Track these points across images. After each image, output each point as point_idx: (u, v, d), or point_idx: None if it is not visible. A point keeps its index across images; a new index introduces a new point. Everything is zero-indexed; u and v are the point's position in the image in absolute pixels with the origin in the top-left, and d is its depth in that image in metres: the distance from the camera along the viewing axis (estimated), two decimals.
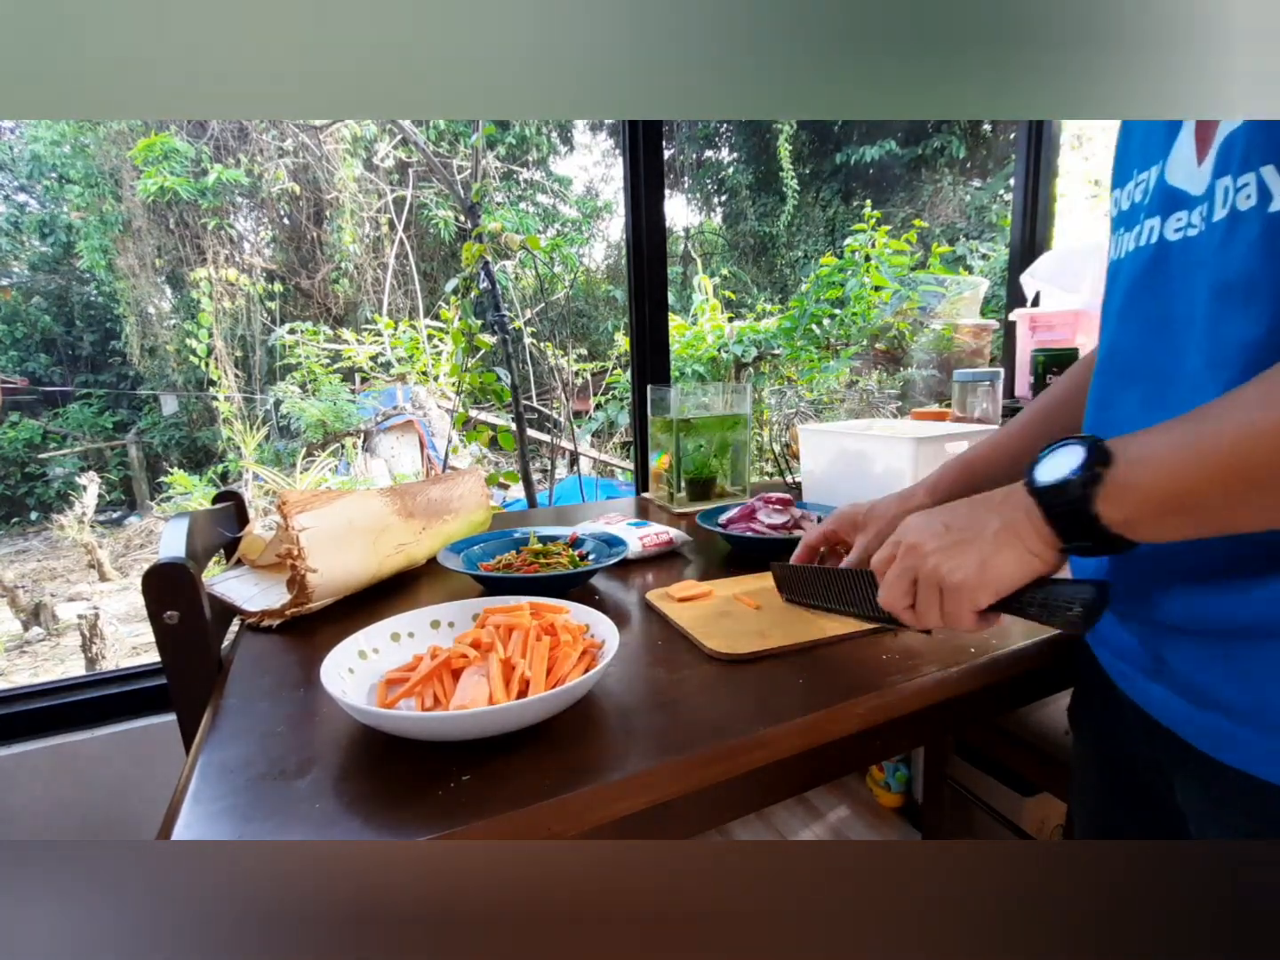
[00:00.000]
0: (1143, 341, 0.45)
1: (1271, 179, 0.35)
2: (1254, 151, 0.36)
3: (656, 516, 1.13)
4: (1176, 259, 0.42)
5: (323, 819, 0.40)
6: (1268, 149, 0.36)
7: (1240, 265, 0.37)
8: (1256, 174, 0.36)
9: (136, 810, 1.10)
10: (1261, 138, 0.36)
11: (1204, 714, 0.41)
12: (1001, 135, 7.18)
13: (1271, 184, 0.35)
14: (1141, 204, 0.45)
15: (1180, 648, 0.43)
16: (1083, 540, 0.39)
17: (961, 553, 0.43)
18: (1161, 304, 0.43)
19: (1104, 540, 0.38)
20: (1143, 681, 0.47)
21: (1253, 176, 0.36)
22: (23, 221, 6.02)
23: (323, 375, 4.78)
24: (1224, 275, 0.38)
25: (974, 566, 0.42)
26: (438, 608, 0.61)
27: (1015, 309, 1.65)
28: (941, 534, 0.45)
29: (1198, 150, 0.40)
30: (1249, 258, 0.37)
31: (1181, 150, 0.41)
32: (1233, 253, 0.38)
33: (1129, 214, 0.47)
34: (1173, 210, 0.42)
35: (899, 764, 1.40)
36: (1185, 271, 0.41)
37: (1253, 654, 0.38)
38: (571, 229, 7.30)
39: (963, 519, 0.45)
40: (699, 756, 0.45)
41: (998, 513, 0.42)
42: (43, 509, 5.60)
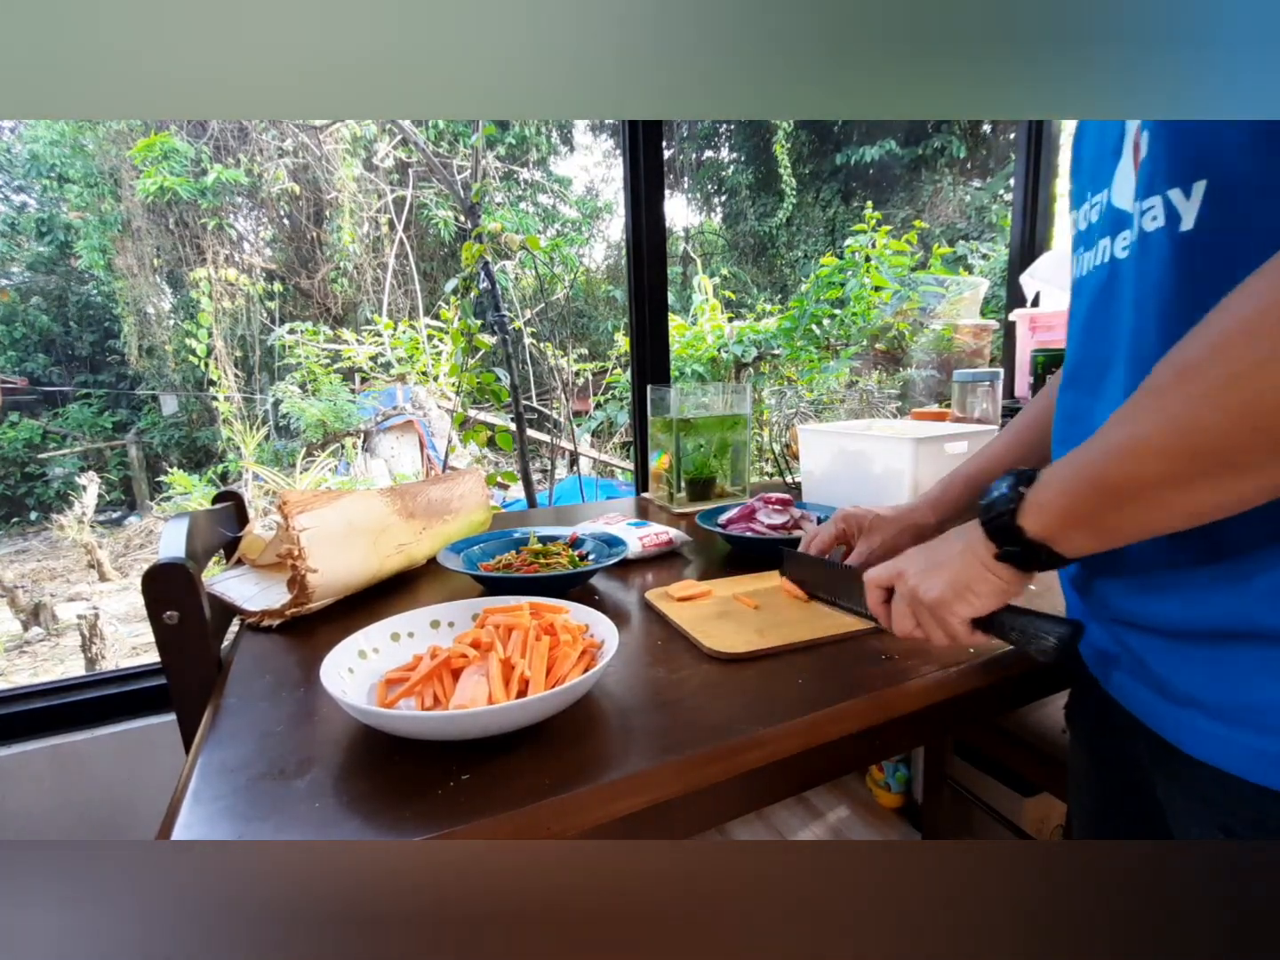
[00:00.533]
0: (1100, 354, 0.48)
1: (1178, 201, 0.38)
2: (1157, 176, 0.40)
3: (656, 516, 1.13)
4: (1122, 276, 0.45)
5: (322, 819, 0.40)
6: (1173, 173, 0.38)
7: (1153, 283, 0.41)
8: (1163, 197, 0.39)
9: (136, 810, 1.10)
10: (1166, 163, 0.39)
11: (1181, 711, 0.43)
12: (1001, 135, 7.18)
13: (1178, 206, 0.38)
14: (1096, 224, 0.48)
15: (1155, 648, 0.45)
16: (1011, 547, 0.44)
17: (935, 574, 0.49)
18: (1111, 318, 0.46)
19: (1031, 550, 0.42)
20: (1124, 680, 0.48)
21: (1158, 200, 0.40)
22: (20, 222, 6.02)
23: (323, 375, 4.78)
24: (1140, 291, 0.42)
25: (945, 584, 0.48)
26: (438, 608, 0.61)
27: (1015, 309, 1.65)
28: (922, 561, 0.51)
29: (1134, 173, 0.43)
30: (1161, 276, 0.40)
31: (1123, 172, 0.44)
32: (1146, 271, 0.41)
33: (1086, 234, 0.50)
34: (1119, 230, 0.45)
35: (899, 764, 1.40)
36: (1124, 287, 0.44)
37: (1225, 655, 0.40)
38: (571, 229, 7.30)
39: (939, 546, 0.51)
40: (699, 756, 0.45)
41: (964, 536, 0.48)
42: (43, 509, 5.60)
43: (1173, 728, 0.44)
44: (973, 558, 0.46)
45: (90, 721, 1.10)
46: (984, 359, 2.28)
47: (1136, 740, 0.49)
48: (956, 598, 0.48)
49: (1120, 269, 0.45)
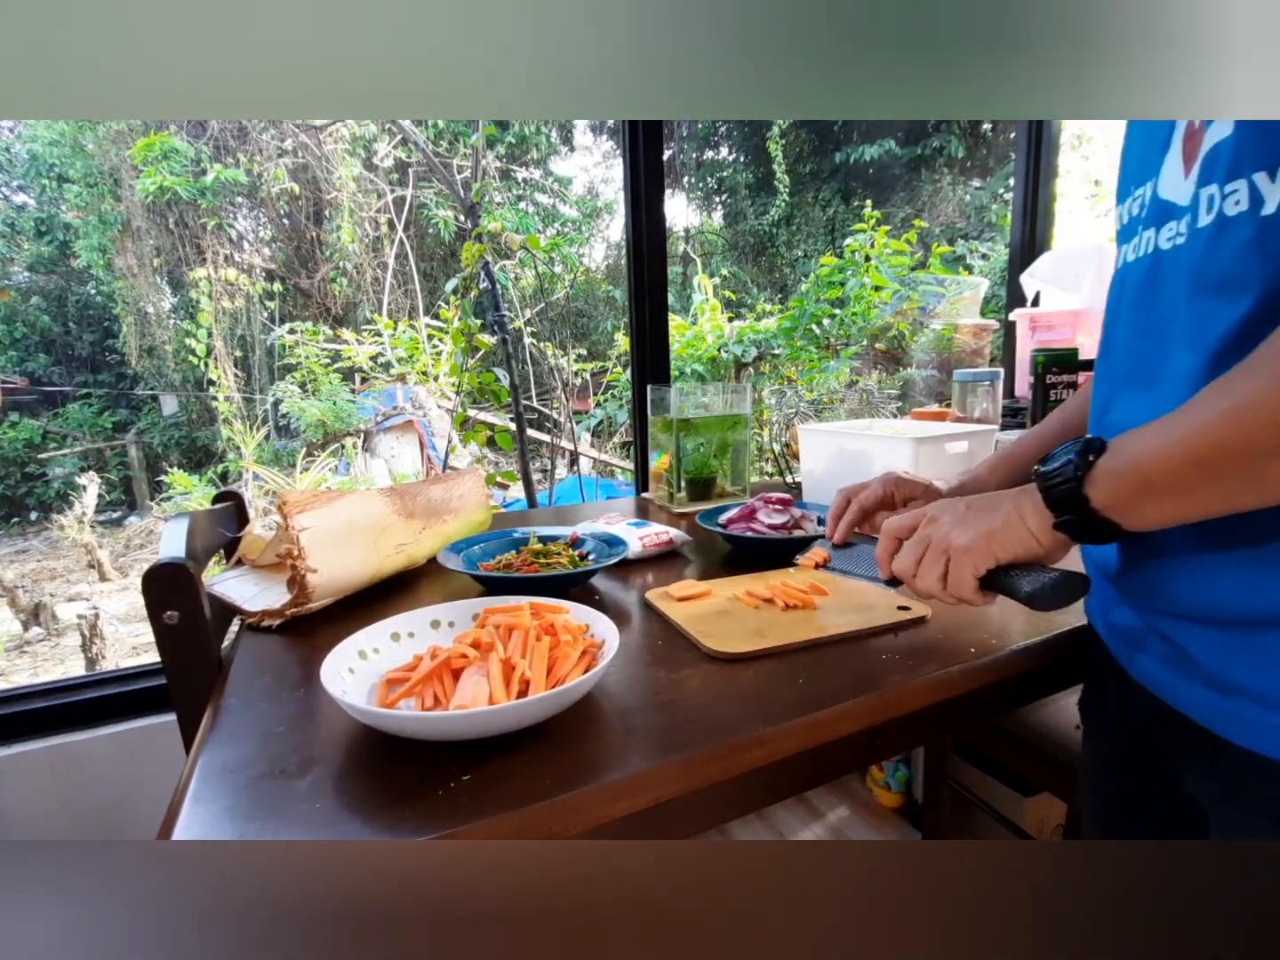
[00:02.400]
0: (1138, 345, 0.48)
1: (1264, 184, 0.38)
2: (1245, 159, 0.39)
3: (656, 516, 1.13)
4: (1168, 266, 0.45)
5: (323, 819, 0.40)
6: (1261, 156, 0.38)
7: (1229, 266, 0.40)
8: (1248, 180, 0.39)
9: (136, 810, 1.10)
10: (1252, 147, 0.39)
11: (1228, 700, 0.42)
12: (1001, 135, 7.17)
13: (1264, 189, 0.38)
14: (1139, 217, 0.48)
15: (1199, 636, 0.44)
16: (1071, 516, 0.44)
17: (973, 525, 0.49)
18: (1154, 308, 0.46)
19: (1091, 520, 0.42)
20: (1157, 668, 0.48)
21: (1243, 183, 0.39)
22: (20, 222, 6.02)
23: (322, 375, 4.77)
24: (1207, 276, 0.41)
25: (979, 534, 0.48)
26: (438, 608, 0.61)
27: (1015, 309, 1.65)
28: (962, 510, 0.51)
29: (1184, 165, 0.43)
30: (1241, 259, 0.40)
31: (1171, 166, 0.45)
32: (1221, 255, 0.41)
33: (1129, 227, 0.50)
34: (1165, 221, 0.45)
35: (899, 764, 1.40)
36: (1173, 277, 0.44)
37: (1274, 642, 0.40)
38: (571, 229, 7.30)
39: (983, 501, 0.51)
40: (699, 756, 0.45)
41: (1012, 499, 0.48)
42: (43, 509, 5.60)
43: (1218, 717, 0.43)
44: (1018, 520, 0.47)
45: (90, 721, 1.10)
46: (984, 359, 2.28)
47: (1165, 730, 0.49)
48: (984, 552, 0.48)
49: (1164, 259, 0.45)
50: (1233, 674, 0.42)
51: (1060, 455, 0.44)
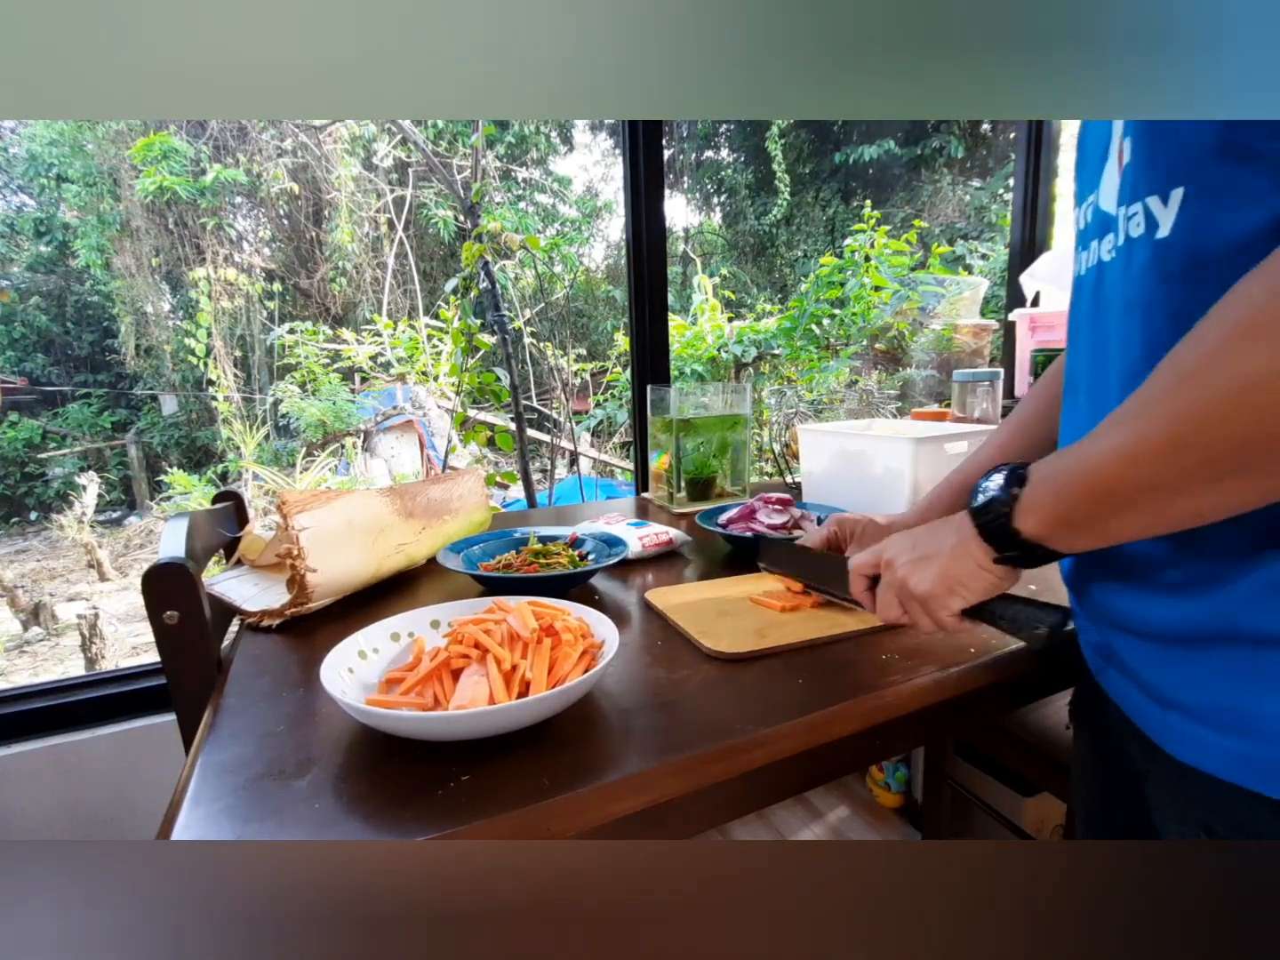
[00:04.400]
0: (1090, 356, 0.48)
1: (1156, 208, 0.39)
2: (1140, 183, 0.40)
3: (656, 516, 1.13)
4: (1108, 278, 0.45)
5: (322, 819, 0.40)
6: (1152, 180, 0.39)
7: (1135, 288, 0.41)
8: (1143, 204, 0.40)
9: (136, 810, 1.10)
10: (1145, 171, 0.39)
11: (1164, 712, 0.43)
12: (1001, 135, 7.18)
13: (1156, 213, 0.39)
14: (1089, 225, 0.48)
15: (1138, 649, 0.45)
16: (1011, 551, 0.43)
17: (924, 567, 0.49)
18: (1100, 320, 0.46)
19: (1028, 551, 0.42)
20: (1116, 679, 0.49)
21: (1139, 206, 0.40)
22: (19, 222, 6.02)
23: (322, 375, 4.77)
24: (1127, 295, 0.42)
25: (935, 578, 0.48)
26: (438, 608, 0.61)
27: (1015, 309, 1.65)
28: (909, 550, 0.51)
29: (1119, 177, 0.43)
30: (1143, 281, 0.40)
31: (1109, 176, 0.44)
32: (1130, 276, 0.41)
33: (1083, 234, 0.50)
34: (1105, 233, 0.45)
35: (899, 764, 1.40)
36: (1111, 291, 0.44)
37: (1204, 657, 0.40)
38: (571, 229, 7.30)
39: (927, 537, 0.50)
40: (699, 756, 0.45)
41: (954, 530, 0.47)
42: (42, 509, 5.60)
43: (1156, 728, 0.44)
44: (966, 555, 0.46)
45: (90, 721, 1.10)
46: (984, 359, 2.28)
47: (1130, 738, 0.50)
48: (948, 592, 0.48)
49: (1107, 272, 0.45)
50: (1167, 688, 0.42)
51: (987, 487, 0.44)
